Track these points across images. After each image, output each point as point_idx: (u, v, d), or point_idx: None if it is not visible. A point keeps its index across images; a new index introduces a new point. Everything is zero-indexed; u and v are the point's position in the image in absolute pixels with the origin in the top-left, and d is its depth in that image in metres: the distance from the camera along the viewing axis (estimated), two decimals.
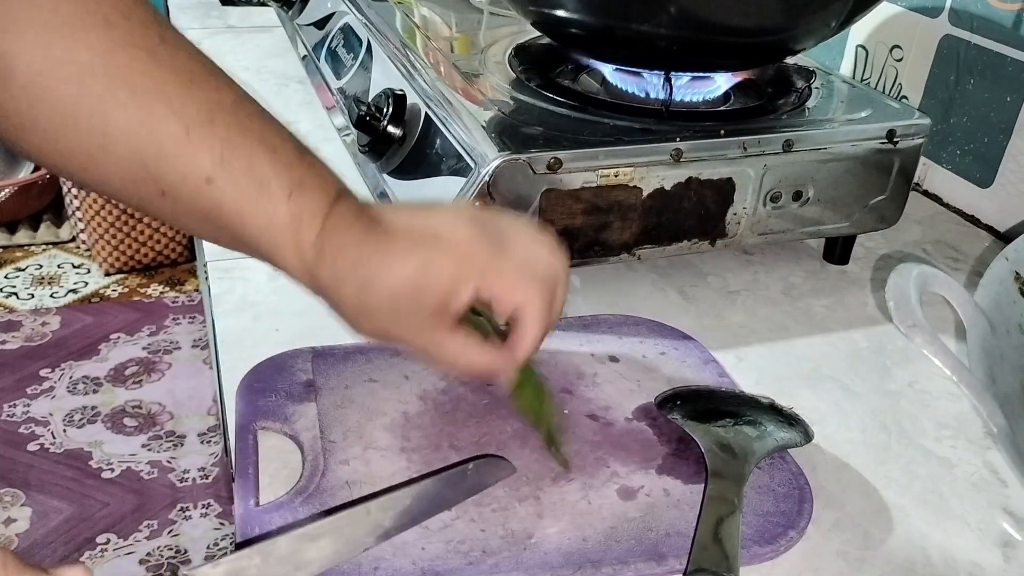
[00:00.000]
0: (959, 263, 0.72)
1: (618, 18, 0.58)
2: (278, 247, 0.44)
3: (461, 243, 0.43)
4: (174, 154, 0.43)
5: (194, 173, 0.43)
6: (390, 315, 0.43)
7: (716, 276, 0.66)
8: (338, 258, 0.43)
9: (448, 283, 0.43)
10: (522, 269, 0.43)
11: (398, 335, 0.44)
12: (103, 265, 2.18)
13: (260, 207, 0.43)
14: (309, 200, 0.44)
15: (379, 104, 0.64)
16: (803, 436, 0.47)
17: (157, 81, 0.43)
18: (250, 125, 0.44)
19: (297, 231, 0.44)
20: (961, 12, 0.77)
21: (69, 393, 1.81)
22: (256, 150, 0.44)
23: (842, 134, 0.61)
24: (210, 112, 0.43)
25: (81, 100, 0.42)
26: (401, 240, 0.43)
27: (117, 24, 0.43)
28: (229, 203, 0.43)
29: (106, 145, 0.43)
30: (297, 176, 0.44)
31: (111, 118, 0.42)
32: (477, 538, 0.41)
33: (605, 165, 0.55)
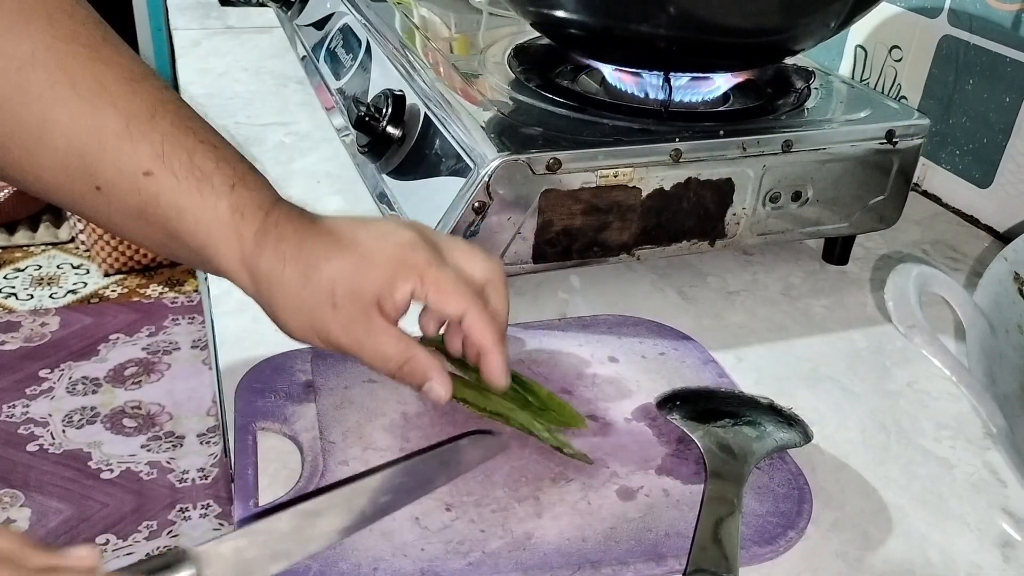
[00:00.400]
0: (958, 263, 0.72)
1: (617, 18, 0.58)
2: (215, 240, 0.44)
3: (402, 245, 0.44)
4: (114, 147, 0.43)
5: (132, 166, 0.43)
6: (326, 307, 0.43)
7: (715, 276, 0.66)
8: (281, 244, 0.44)
9: (387, 277, 0.43)
10: (458, 277, 0.44)
11: (331, 331, 0.44)
12: (102, 266, 2.18)
13: (201, 200, 0.43)
14: (252, 193, 0.44)
15: (378, 105, 0.65)
16: (802, 436, 0.47)
17: (98, 77, 0.43)
18: (191, 123, 0.45)
19: (240, 222, 0.44)
20: (960, 12, 0.77)
21: (68, 394, 1.81)
22: (198, 145, 0.44)
23: (841, 134, 0.61)
24: (151, 108, 0.44)
25: (22, 92, 0.42)
26: (344, 232, 0.44)
27: (60, 21, 0.43)
28: (167, 196, 0.43)
29: (43, 137, 0.43)
30: (240, 171, 0.45)
31: (50, 110, 0.42)
32: (476, 538, 0.41)
33: (604, 165, 0.55)
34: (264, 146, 0.79)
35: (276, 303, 0.45)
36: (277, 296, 0.44)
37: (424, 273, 0.43)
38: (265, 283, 0.44)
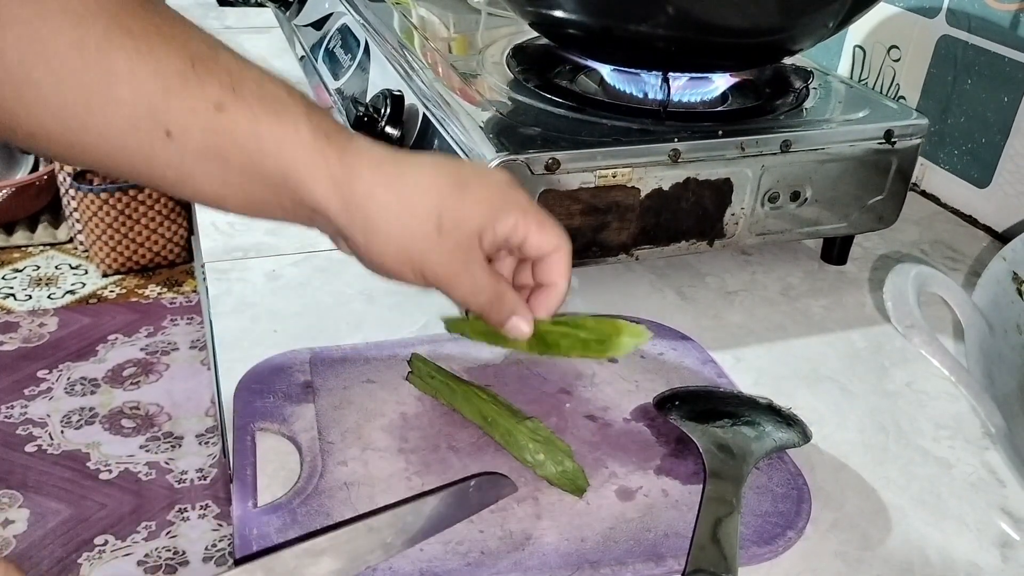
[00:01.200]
0: (957, 263, 0.72)
1: (616, 19, 0.58)
2: (300, 164, 0.43)
3: (502, 183, 0.44)
4: (180, 87, 0.42)
5: (204, 103, 0.42)
6: (431, 234, 0.43)
7: (714, 276, 0.66)
8: (381, 168, 0.43)
9: (490, 207, 0.43)
10: (551, 217, 0.45)
11: (430, 260, 0.43)
12: (101, 266, 2.18)
13: (279, 125, 0.43)
14: (328, 120, 0.44)
15: (377, 105, 0.64)
16: (801, 436, 0.47)
17: (155, 24, 0.42)
18: (250, 63, 0.44)
19: (324, 145, 0.43)
20: (958, 12, 0.77)
21: (67, 394, 1.80)
22: (264, 78, 0.44)
23: (840, 134, 0.61)
24: (211, 47, 0.43)
25: (79, 47, 0.41)
26: (440, 163, 0.44)
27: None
28: (243, 126, 0.42)
29: (107, 90, 0.42)
30: (309, 102, 0.44)
31: (111, 61, 0.41)
32: (475, 539, 0.41)
33: (603, 166, 0.55)
34: None
35: (373, 229, 0.43)
36: (376, 222, 0.43)
37: (526, 209, 0.44)
38: (361, 208, 0.43)
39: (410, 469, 0.45)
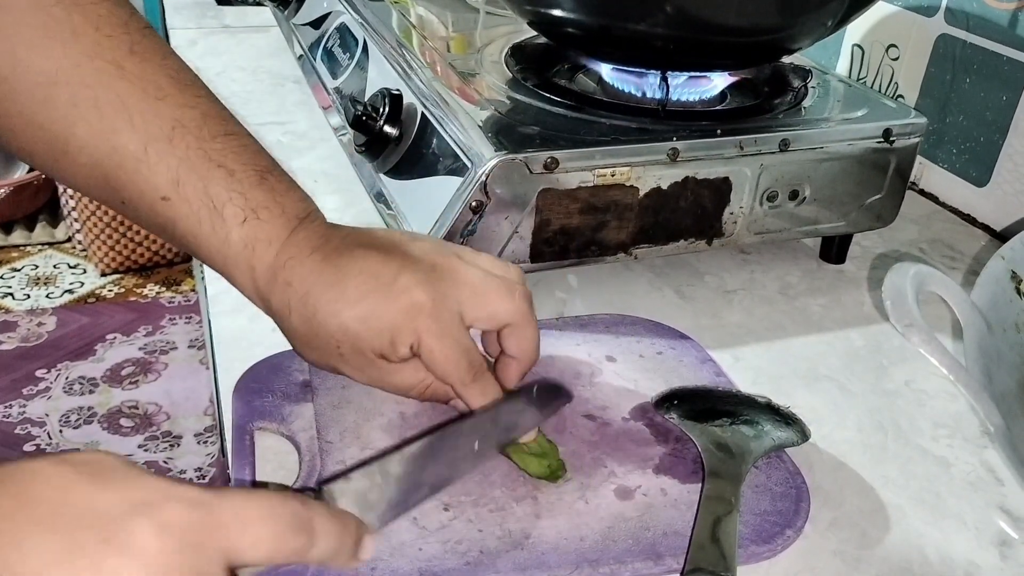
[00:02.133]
0: (956, 262, 0.72)
1: (615, 18, 0.58)
2: (231, 271, 0.45)
3: (408, 306, 0.42)
4: (132, 170, 0.43)
5: (151, 191, 0.43)
6: (333, 352, 0.44)
7: (713, 275, 0.66)
8: (288, 288, 0.43)
9: (387, 340, 0.43)
10: (450, 353, 0.43)
11: (345, 372, 0.45)
12: (99, 265, 2.18)
13: (213, 230, 0.43)
14: (265, 227, 0.44)
15: (375, 104, 0.64)
16: (800, 435, 0.47)
17: (121, 95, 0.43)
18: (211, 145, 0.44)
19: (251, 256, 0.44)
20: (957, 11, 0.77)
21: (65, 394, 1.80)
22: (213, 172, 0.43)
23: (838, 133, 0.61)
24: (171, 130, 0.43)
25: (47, 107, 0.42)
26: (352, 284, 0.43)
27: (84, 33, 0.42)
28: (182, 223, 0.44)
29: (69, 152, 0.43)
30: (254, 202, 0.44)
31: (74, 128, 0.42)
32: (474, 538, 0.41)
33: (602, 165, 0.55)
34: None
35: (290, 338, 0.46)
36: (289, 334, 0.45)
37: (421, 340, 0.43)
38: (278, 321, 0.45)
39: None
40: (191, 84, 0.45)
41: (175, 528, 0.26)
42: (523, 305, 0.45)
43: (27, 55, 0.42)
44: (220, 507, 0.27)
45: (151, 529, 0.25)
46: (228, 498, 0.28)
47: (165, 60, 0.45)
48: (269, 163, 0.46)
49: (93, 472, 0.26)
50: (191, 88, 0.45)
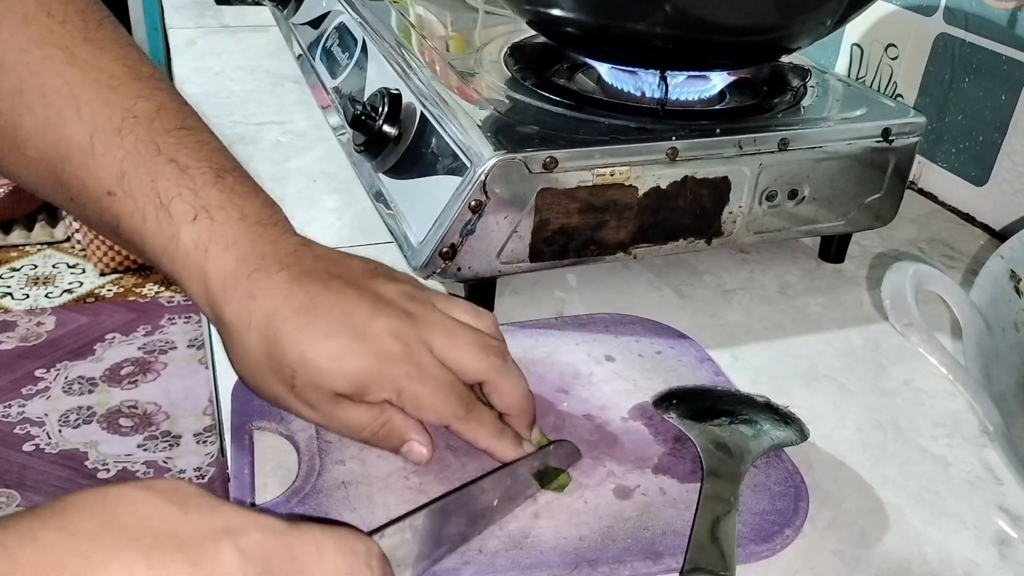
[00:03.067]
0: (955, 261, 0.72)
1: (614, 17, 0.58)
2: (178, 271, 0.41)
3: (384, 353, 0.40)
4: (78, 162, 0.40)
5: (96, 185, 0.40)
6: (285, 386, 0.41)
7: (712, 275, 0.66)
8: (250, 301, 0.40)
9: (359, 384, 0.40)
10: (437, 391, 0.41)
11: (289, 405, 0.42)
12: (98, 265, 2.18)
13: (158, 228, 0.40)
14: (220, 228, 0.40)
15: (374, 103, 0.64)
16: (799, 435, 0.47)
17: (69, 83, 0.40)
18: (164, 139, 0.41)
19: (203, 259, 0.40)
20: (956, 10, 0.77)
21: (64, 393, 1.80)
22: (163, 167, 0.40)
23: (837, 133, 0.61)
24: (120, 120, 0.40)
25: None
26: (323, 316, 0.40)
27: (36, 19, 0.40)
28: (127, 220, 0.40)
29: (16, 144, 0.41)
30: (206, 200, 0.40)
31: (21, 118, 0.40)
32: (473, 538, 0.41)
33: (601, 164, 0.55)
34: (260, 145, 0.79)
35: (233, 355, 0.42)
36: (236, 350, 0.42)
37: (402, 388, 0.40)
38: (227, 334, 0.42)
39: (408, 468, 0.45)
40: (149, 76, 0.42)
41: (256, 554, 0.26)
42: (496, 361, 0.43)
43: None
44: (299, 537, 0.28)
45: (234, 554, 0.26)
46: (306, 529, 0.28)
47: (123, 50, 0.42)
48: (229, 163, 0.43)
49: (176, 498, 0.26)
50: (149, 80, 0.42)
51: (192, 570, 0.25)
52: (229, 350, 0.43)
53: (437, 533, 0.39)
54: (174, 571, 0.25)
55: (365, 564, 0.29)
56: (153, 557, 0.24)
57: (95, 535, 0.24)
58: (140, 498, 0.26)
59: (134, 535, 0.25)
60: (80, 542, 0.24)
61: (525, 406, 0.44)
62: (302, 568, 0.27)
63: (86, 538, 0.24)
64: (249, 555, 0.26)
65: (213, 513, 0.27)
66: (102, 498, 0.25)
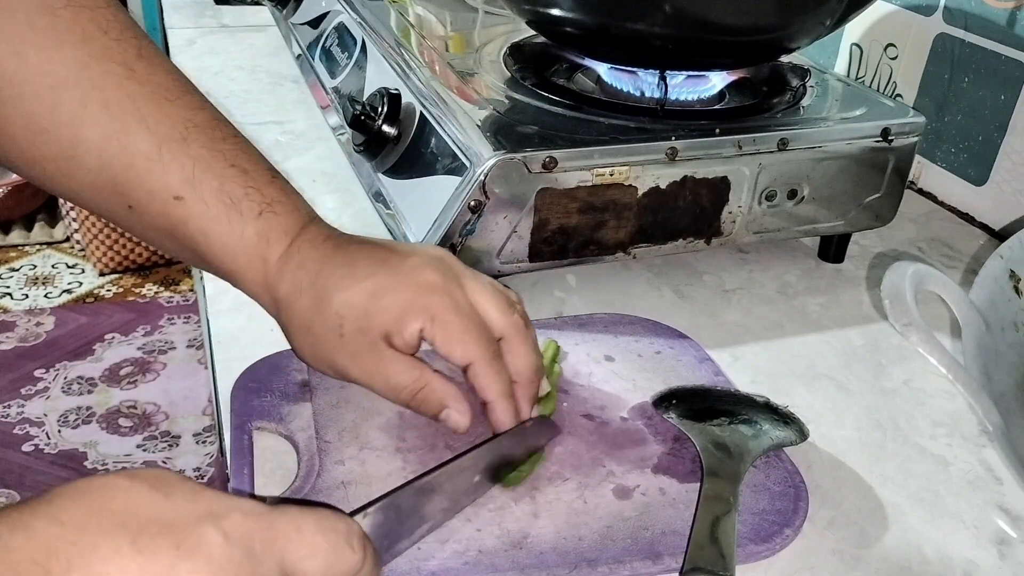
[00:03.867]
0: (954, 261, 0.72)
1: (613, 17, 0.58)
2: (242, 265, 0.44)
3: (419, 283, 0.43)
4: (144, 170, 0.43)
5: (163, 190, 0.43)
6: (334, 337, 0.43)
7: (711, 275, 0.66)
8: (299, 271, 0.44)
9: (396, 315, 0.42)
10: (469, 325, 0.43)
11: (339, 360, 0.44)
12: (97, 265, 2.18)
13: (228, 227, 0.44)
14: (280, 219, 0.45)
15: (374, 103, 0.64)
16: (798, 434, 0.47)
17: (132, 96, 0.43)
18: (223, 146, 0.44)
19: (265, 248, 0.44)
20: (955, 10, 0.77)
21: (64, 393, 1.80)
22: (228, 170, 0.44)
23: (837, 132, 0.61)
24: (184, 130, 0.44)
25: (54, 111, 0.42)
26: (363, 264, 0.43)
27: (94, 37, 0.43)
28: (195, 221, 0.44)
29: (76, 156, 0.43)
30: (269, 197, 0.45)
31: (83, 130, 0.42)
32: (473, 538, 0.41)
33: (600, 164, 0.55)
34: (260, 145, 0.78)
35: (291, 329, 0.45)
36: (293, 322, 0.45)
37: (435, 315, 0.42)
38: (284, 309, 0.45)
39: (407, 468, 0.45)
40: (195, 90, 0.46)
41: (238, 535, 0.27)
42: (519, 321, 0.45)
43: (36, 58, 0.42)
44: (279, 519, 0.29)
45: (217, 536, 0.26)
46: (286, 511, 0.29)
47: (169, 65, 0.46)
48: (272, 165, 0.47)
49: (159, 485, 0.27)
50: (196, 92, 0.46)
51: (177, 552, 0.26)
52: (286, 327, 0.45)
53: (420, 510, 0.39)
54: (160, 553, 0.25)
55: (345, 542, 0.30)
56: (140, 540, 0.25)
57: (83, 522, 0.25)
58: (125, 486, 0.27)
59: (120, 520, 0.26)
60: (69, 529, 0.25)
61: (533, 376, 0.45)
62: (283, 547, 0.28)
63: (75, 525, 0.25)
64: (231, 536, 0.27)
65: (196, 498, 0.27)
66: (89, 487, 0.26)
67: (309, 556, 0.29)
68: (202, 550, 0.26)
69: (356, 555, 0.30)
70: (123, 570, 0.25)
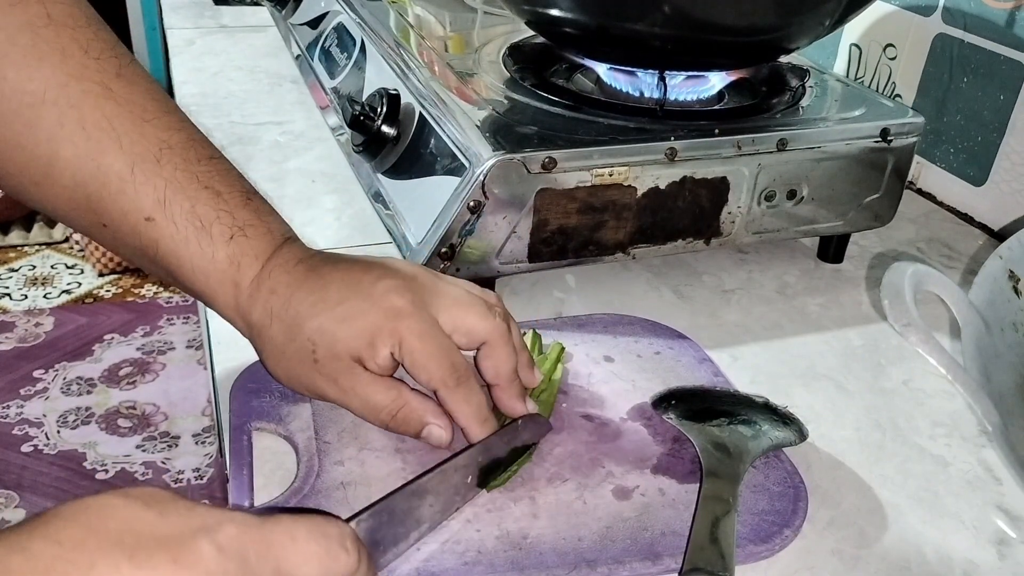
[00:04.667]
0: (953, 261, 0.72)
1: (612, 17, 0.58)
2: (212, 288, 0.45)
3: (387, 308, 0.43)
4: (117, 190, 0.43)
5: (135, 210, 0.43)
6: (308, 362, 0.43)
7: (711, 275, 0.66)
8: (271, 297, 0.44)
9: (367, 340, 0.43)
10: (435, 351, 0.43)
11: (316, 384, 0.44)
12: (96, 265, 2.18)
13: (199, 250, 0.44)
14: (252, 243, 0.45)
15: (373, 104, 0.64)
16: (798, 435, 0.47)
17: (108, 116, 0.43)
18: (198, 168, 0.45)
19: (236, 272, 0.44)
20: (954, 11, 0.77)
21: (63, 394, 1.80)
22: (201, 192, 0.44)
23: (836, 133, 0.61)
24: (158, 151, 0.44)
25: (32, 128, 0.42)
26: (334, 288, 0.44)
27: (73, 55, 0.43)
28: (166, 243, 0.44)
29: (52, 174, 0.43)
30: (241, 220, 0.45)
31: (60, 148, 0.43)
32: (472, 538, 0.41)
33: (600, 164, 0.55)
34: (259, 145, 0.79)
35: (265, 353, 0.45)
36: (266, 347, 0.45)
37: (402, 339, 0.42)
38: (257, 334, 0.45)
39: (407, 469, 0.45)
40: (174, 110, 0.46)
41: (233, 548, 0.28)
42: (501, 325, 0.45)
43: (15, 76, 0.42)
44: (272, 528, 0.29)
45: (212, 549, 0.27)
46: (279, 520, 0.30)
47: (149, 84, 0.46)
48: (250, 187, 0.47)
49: (153, 503, 0.28)
50: (175, 113, 0.46)
51: (174, 566, 0.26)
52: (260, 351, 0.46)
53: (415, 513, 0.39)
54: (158, 568, 0.26)
55: (339, 546, 0.30)
56: (137, 556, 0.26)
57: (80, 541, 0.26)
58: (119, 504, 0.27)
59: (117, 538, 0.26)
60: (67, 549, 0.25)
61: (514, 376, 0.46)
62: (278, 556, 0.29)
63: (72, 545, 0.25)
64: (226, 549, 0.27)
65: (189, 514, 0.28)
66: (85, 507, 0.27)
67: (304, 563, 0.29)
68: (199, 563, 0.26)
69: (351, 557, 0.30)
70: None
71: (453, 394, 0.43)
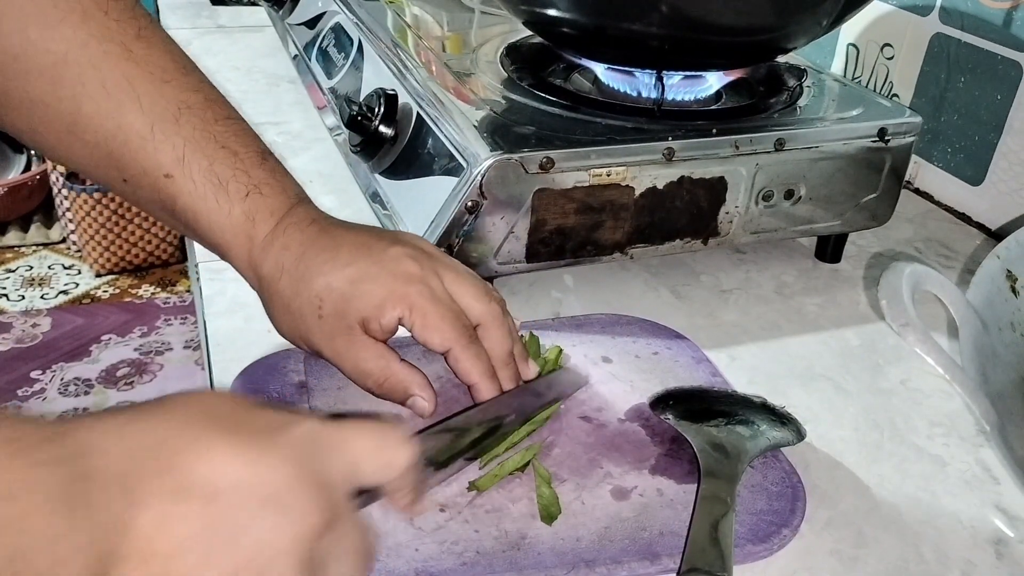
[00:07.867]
0: (951, 261, 0.72)
1: (610, 17, 0.58)
2: (228, 242, 0.46)
3: (399, 272, 0.44)
4: (137, 148, 0.45)
5: (155, 168, 0.45)
6: (313, 318, 0.45)
7: (709, 275, 0.66)
8: (283, 252, 0.45)
9: (376, 302, 0.44)
10: (446, 313, 0.45)
11: (313, 339, 0.46)
12: (94, 266, 2.17)
13: (216, 206, 0.46)
14: (267, 200, 0.46)
15: (370, 104, 0.64)
16: (796, 435, 0.47)
17: (128, 76, 0.45)
18: (215, 128, 0.46)
19: (251, 227, 0.46)
20: (951, 10, 0.77)
21: (60, 395, 1.80)
22: (218, 152, 0.46)
23: (833, 133, 0.61)
24: (177, 111, 0.45)
25: (54, 86, 0.44)
26: (345, 250, 0.45)
27: (94, 16, 0.44)
28: (184, 199, 0.46)
29: (74, 130, 0.45)
30: (256, 179, 0.46)
31: (81, 106, 0.44)
32: (471, 539, 0.41)
33: (597, 164, 0.55)
34: None
35: (271, 306, 0.47)
36: (274, 300, 0.46)
37: (414, 304, 0.44)
38: (266, 286, 0.46)
39: None
40: (193, 71, 0.48)
41: (312, 437, 0.31)
42: (496, 308, 0.47)
43: (39, 36, 0.43)
44: (344, 425, 0.32)
45: (297, 435, 0.30)
46: (345, 423, 0.33)
47: (169, 47, 0.47)
48: (266, 148, 0.48)
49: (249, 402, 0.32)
50: (194, 74, 0.48)
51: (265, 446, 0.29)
52: (267, 303, 0.47)
53: (461, 441, 0.42)
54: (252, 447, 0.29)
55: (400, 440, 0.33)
56: (236, 435, 0.29)
57: (194, 420, 0.29)
58: (222, 398, 0.31)
59: (226, 423, 0.30)
60: (176, 424, 0.29)
61: (508, 359, 0.47)
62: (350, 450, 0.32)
63: (181, 422, 0.29)
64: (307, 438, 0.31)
65: (277, 412, 0.32)
66: (198, 398, 0.31)
67: (370, 454, 0.32)
68: (286, 446, 0.30)
69: (409, 451, 0.33)
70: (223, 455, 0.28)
71: (465, 351, 0.45)
